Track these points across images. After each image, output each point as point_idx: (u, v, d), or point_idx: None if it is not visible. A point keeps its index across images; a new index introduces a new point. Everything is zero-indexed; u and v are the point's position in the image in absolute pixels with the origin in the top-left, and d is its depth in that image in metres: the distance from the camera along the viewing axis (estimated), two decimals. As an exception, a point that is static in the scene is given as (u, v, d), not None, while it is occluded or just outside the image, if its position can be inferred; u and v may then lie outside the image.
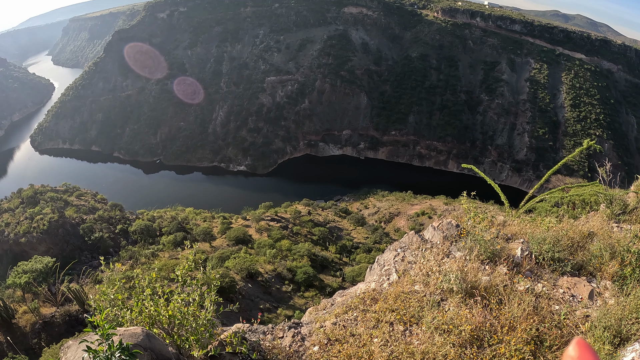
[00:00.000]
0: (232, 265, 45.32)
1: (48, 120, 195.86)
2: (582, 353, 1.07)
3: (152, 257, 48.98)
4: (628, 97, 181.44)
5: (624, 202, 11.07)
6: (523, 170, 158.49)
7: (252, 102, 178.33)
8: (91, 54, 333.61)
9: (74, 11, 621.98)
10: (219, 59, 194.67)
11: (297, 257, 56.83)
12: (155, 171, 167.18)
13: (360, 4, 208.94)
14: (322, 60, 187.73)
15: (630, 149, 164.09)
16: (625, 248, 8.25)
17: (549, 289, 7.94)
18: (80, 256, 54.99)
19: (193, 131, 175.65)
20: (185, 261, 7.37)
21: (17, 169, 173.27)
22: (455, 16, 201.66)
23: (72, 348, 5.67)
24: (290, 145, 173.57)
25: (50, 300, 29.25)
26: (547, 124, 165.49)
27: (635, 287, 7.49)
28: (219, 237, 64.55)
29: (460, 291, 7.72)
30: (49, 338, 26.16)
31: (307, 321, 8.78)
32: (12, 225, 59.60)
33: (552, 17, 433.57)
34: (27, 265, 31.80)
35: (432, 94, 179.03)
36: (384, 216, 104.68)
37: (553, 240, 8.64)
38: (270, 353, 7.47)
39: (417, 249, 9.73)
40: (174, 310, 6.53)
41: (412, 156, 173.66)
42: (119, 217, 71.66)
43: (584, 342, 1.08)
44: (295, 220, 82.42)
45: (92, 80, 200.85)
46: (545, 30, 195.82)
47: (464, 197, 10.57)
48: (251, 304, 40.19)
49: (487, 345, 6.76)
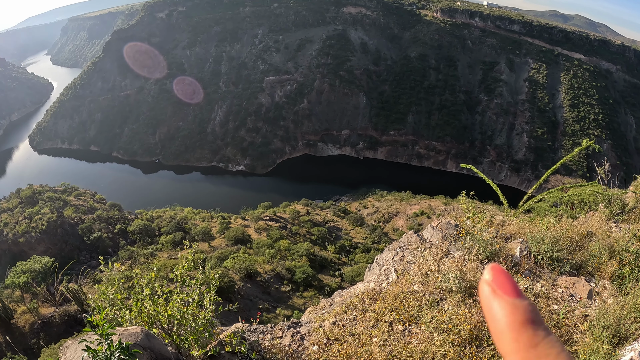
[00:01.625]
0: (231, 265, 45.30)
1: (47, 120, 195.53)
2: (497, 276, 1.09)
3: (151, 257, 48.94)
4: (627, 97, 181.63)
5: (622, 202, 11.08)
6: (522, 170, 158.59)
7: (251, 102, 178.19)
8: (90, 53, 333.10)
9: (72, 11, 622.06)
10: (217, 58, 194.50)
11: (296, 257, 56.82)
12: (154, 171, 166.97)
13: (359, 4, 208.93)
14: (321, 60, 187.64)
15: (628, 149, 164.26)
16: (623, 248, 8.27)
17: (548, 289, 7.95)
18: (79, 256, 54.97)
19: (192, 131, 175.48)
20: (184, 261, 7.37)
21: (16, 168, 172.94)
22: (454, 16, 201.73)
23: (71, 348, 5.67)
24: (289, 145, 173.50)
25: (49, 301, 29.21)
26: (545, 124, 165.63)
27: (633, 286, 7.50)
28: (218, 237, 64.52)
29: (459, 291, 7.73)
30: (47, 338, 26.12)
31: (306, 321, 8.78)
32: (10, 225, 59.52)
33: (551, 17, 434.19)
34: (26, 265, 31.76)
35: (431, 94, 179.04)
36: (382, 216, 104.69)
37: (552, 240, 8.65)
38: (269, 353, 7.47)
39: (416, 249, 9.73)
40: (173, 309, 6.52)
41: (410, 156, 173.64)
42: (118, 217, 71.61)
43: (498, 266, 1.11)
44: (294, 220, 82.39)
45: (91, 80, 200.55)
46: (544, 30, 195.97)
47: (463, 197, 10.57)
48: (250, 304, 40.19)
49: (486, 345, 6.76)
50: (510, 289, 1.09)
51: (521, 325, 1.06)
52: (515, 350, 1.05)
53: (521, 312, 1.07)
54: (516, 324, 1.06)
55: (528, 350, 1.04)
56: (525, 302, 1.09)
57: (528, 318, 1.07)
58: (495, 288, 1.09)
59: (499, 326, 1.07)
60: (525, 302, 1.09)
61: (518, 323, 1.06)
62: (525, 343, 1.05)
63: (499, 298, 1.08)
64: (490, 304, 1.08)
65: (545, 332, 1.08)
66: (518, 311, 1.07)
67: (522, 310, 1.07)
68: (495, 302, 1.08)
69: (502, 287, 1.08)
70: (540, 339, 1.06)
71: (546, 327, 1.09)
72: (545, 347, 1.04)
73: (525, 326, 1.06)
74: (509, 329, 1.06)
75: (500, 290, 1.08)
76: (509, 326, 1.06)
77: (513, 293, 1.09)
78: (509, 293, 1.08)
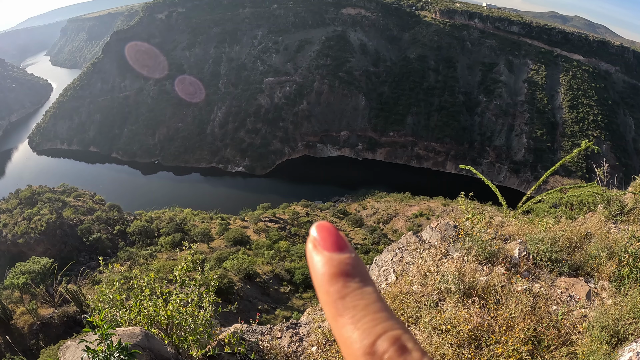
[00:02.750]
0: (230, 266, 45.26)
1: (46, 121, 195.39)
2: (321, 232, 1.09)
3: (150, 258, 48.89)
4: (626, 98, 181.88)
5: (621, 203, 11.10)
6: (521, 171, 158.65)
7: (250, 103, 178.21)
8: (89, 54, 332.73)
9: (72, 12, 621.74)
10: (217, 59, 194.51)
11: (296, 258, 56.85)
12: (154, 172, 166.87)
13: (359, 5, 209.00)
14: (320, 61, 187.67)
15: (627, 150, 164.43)
16: (622, 248, 8.28)
17: (547, 289, 7.96)
18: (78, 257, 54.89)
19: (191, 132, 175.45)
20: (183, 262, 7.38)
21: (15, 169, 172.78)
22: (454, 17, 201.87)
23: (70, 348, 5.67)
24: (289, 146, 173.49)
25: (48, 301, 29.17)
26: (545, 125, 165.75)
27: (632, 287, 7.52)
28: (217, 238, 64.52)
29: (458, 291, 7.73)
30: (47, 339, 26.08)
31: (305, 322, 8.79)
32: (10, 226, 59.41)
33: (550, 18, 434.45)
34: (25, 266, 31.70)
35: (430, 95, 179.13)
36: (382, 217, 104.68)
37: (551, 240, 8.67)
38: (268, 353, 7.48)
39: (415, 250, 9.74)
40: (173, 310, 6.53)
41: (410, 157, 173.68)
42: (117, 218, 71.55)
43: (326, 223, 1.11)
44: (294, 221, 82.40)
45: (91, 81, 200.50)
46: (543, 31, 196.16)
47: (462, 198, 10.59)
48: (249, 305, 40.16)
49: (484, 345, 6.77)
50: (331, 244, 1.09)
51: (332, 277, 1.04)
52: (326, 302, 1.04)
53: (335, 265, 1.05)
54: (328, 276, 1.04)
55: (336, 302, 1.02)
56: (343, 256, 1.07)
57: (341, 270, 1.05)
58: (316, 243, 1.09)
59: (316, 279, 1.07)
60: (342, 256, 1.07)
61: (330, 275, 1.05)
62: (334, 295, 1.03)
63: (319, 253, 1.07)
64: (312, 258, 1.08)
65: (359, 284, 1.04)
66: (332, 264, 1.05)
67: (336, 263, 1.06)
68: (315, 256, 1.07)
69: (323, 242, 1.08)
70: (350, 291, 1.03)
71: (364, 279, 1.05)
72: (354, 298, 1.02)
73: (336, 278, 1.04)
74: (323, 281, 1.05)
75: (321, 246, 1.08)
76: (323, 278, 1.05)
77: (333, 248, 1.08)
78: (328, 248, 1.07)
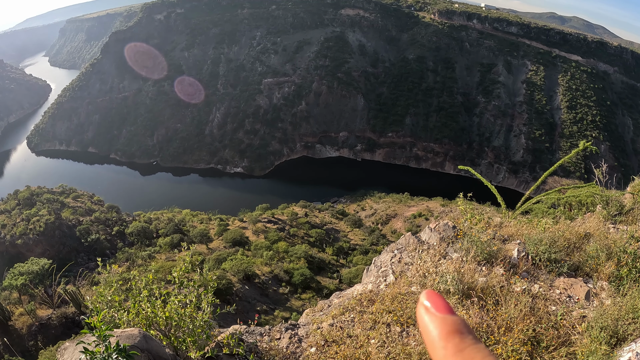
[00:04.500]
0: (229, 267, 45.24)
1: (45, 122, 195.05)
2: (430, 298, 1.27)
3: (149, 258, 48.84)
4: (624, 98, 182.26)
5: (620, 203, 11.10)
6: (520, 171, 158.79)
7: (249, 103, 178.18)
8: (88, 55, 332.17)
9: (71, 12, 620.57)
10: (216, 60, 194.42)
11: (294, 259, 56.81)
12: (152, 173, 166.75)
13: (357, 6, 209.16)
14: (319, 62, 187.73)
15: (626, 150, 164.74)
16: (621, 249, 8.28)
17: (546, 290, 7.96)
18: (77, 258, 54.82)
19: (190, 133, 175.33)
20: (182, 263, 7.36)
21: (14, 170, 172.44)
22: (452, 18, 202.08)
23: (69, 349, 5.65)
24: (287, 147, 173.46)
25: (46, 302, 29.13)
26: (543, 126, 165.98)
27: (631, 287, 7.51)
28: (216, 239, 64.46)
29: (457, 292, 7.72)
30: (45, 340, 26.05)
31: (304, 323, 8.77)
32: (8, 227, 59.29)
33: (549, 19, 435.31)
34: (24, 267, 31.65)
35: (428, 96, 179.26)
36: (380, 218, 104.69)
37: (549, 241, 8.66)
38: (267, 354, 7.46)
39: (414, 251, 9.73)
40: (171, 311, 6.51)
41: (409, 158, 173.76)
42: (116, 218, 71.46)
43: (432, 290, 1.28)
44: (292, 222, 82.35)
45: (89, 82, 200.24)
46: (541, 32, 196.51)
47: (461, 198, 10.58)
48: (248, 306, 40.13)
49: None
50: (442, 307, 1.28)
51: (449, 334, 1.23)
52: (444, 356, 1.20)
53: (449, 324, 1.24)
54: (444, 333, 1.23)
55: (455, 354, 1.19)
56: (455, 317, 1.27)
57: (456, 329, 1.24)
58: (428, 307, 1.27)
59: (430, 338, 1.24)
60: (454, 317, 1.27)
61: (446, 333, 1.23)
62: (452, 349, 1.21)
63: (431, 315, 1.26)
64: (424, 320, 1.26)
65: (473, 340, 1.24)
66: (447, 323, 1.25)
67: (451, 322, 1.25)
68: (428, 318, 1.26)
69: (435, 306, 1.28)
70: (466, 345, 1.22)
71: (475, 337, 1.25)
72: (472, 351, 1.20)
73: (452, 335, 1.23)
74: (439, 338, 1.22)
75: (434, 309, 1.27)
76: (439, 336, 1.22)
77: (444, 311, 1.28)
78: (440, 311, 1.27)
